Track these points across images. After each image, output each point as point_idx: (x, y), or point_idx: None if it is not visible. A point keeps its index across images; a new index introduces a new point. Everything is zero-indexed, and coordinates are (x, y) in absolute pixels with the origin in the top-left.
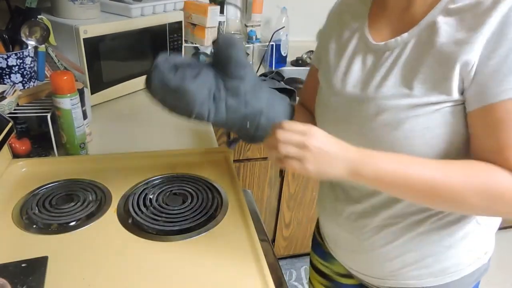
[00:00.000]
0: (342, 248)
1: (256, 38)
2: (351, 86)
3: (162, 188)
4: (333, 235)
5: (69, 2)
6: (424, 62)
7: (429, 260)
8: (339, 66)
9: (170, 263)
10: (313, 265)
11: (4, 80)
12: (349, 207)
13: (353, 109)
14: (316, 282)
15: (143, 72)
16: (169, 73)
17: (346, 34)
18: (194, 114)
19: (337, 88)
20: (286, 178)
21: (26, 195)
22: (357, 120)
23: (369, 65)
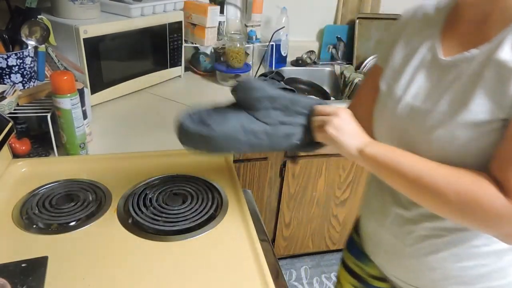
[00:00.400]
0: (382, 250)
1: (256, 38)
2: (412, 96)
3: (162, 188)
4: (375, 236)
5: (69, 2)
6: (486, 80)
7: (472, 277)
8: (403, 73)
9: (170, 263)
10: (345, 265)
11: (4, 80)
12: (397, 211)
13: (410, 119)
14: (346, 282)
15: (143, 72)
16: (195, 128)
17: (416, 41)
18: (232, 151)
19: (398, 95)
20: (286, 178)
21: (26, 195)
22: (413, 131)
23: (434, 78)
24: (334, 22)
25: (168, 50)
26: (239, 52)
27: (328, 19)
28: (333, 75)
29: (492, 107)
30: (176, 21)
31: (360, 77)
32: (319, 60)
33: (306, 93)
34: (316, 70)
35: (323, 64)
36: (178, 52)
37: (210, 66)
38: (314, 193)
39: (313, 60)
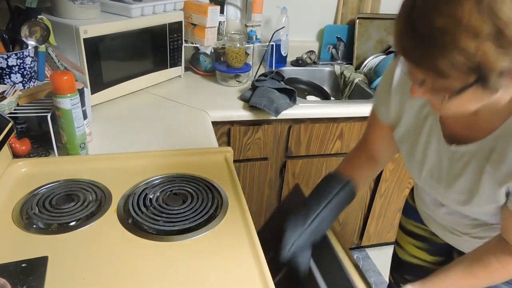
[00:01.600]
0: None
1: (256, 38)
2: (428, 172)
3: (162, 188)
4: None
5: (69, 2)
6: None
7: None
8: (417, 144)
9: (170, 263)
10: (405, 229)
11: (4, 80)
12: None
13: (433, 189)
14: (407, 244)
15: (143, 72)
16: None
17: (419, 111)
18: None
19: (418, 161)
20: (286, 178)
21: (26, 195)
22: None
23: (444, 161)
24: (334, 22)
25: (168, 50)
26: (239, 52)
27: (328, 19)
28: (333, 75)
29: (499, 191)
30: (176, 21)
31: (360, 77)
32: (319, 60)
33: (306, 93)
34: (316, 70)
35: (323, 64)
36: (178, 52)
37: (210, 66)
38: None
39: (313, 60)
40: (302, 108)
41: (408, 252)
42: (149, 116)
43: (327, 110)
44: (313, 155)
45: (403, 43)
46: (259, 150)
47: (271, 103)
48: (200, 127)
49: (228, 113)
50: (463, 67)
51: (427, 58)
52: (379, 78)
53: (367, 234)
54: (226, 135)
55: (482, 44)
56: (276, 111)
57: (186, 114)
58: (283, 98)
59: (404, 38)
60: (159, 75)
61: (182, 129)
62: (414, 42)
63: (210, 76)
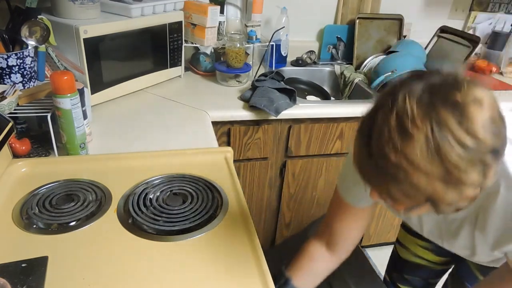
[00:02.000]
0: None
1: (256, 38)
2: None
3: (162, 188)
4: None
5: (69, 2)
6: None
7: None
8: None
9: (170, 263)
10: (409, 229)
11: (4, 80)
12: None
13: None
14: (412, 244)
15: (143, 72)
16: None
17: None
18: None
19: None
20: (286, 178)
21: (26, 195)
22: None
23: (440, 222)
24: (334, 22)
25: (168, 50)
26: (239, 52)
27: (328, 19)
28: (333, 75)
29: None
30: (176, 21)
31: (360, 77)
32: (319, 60)
33: (306, 93)
34: (316, 70)
35: (323, 64)
36: (178, 52)
37: (210, 66)
38: (314, 193)
39: (313, 60)
40: (302, 108)
41: (413, 252)
42: (149, 116)
43: (327, 110)
44: (313, 155)
45: (360, 164)
46: (259, 150)
47: (271, 103)
48: (200, 127)
49: (228, 113)
50: (414, 197)
51: (382, 186)
52: (379, 78)
53: (367, 234)
54: (226, 135)
55: (432, 181)
56: (276, 111)
57: (186, 114)
58: (283, 98)
59: (363, 161)
60: (159, 75)
61: (182, 129)
62: (370, 168)
63: (210, 76)
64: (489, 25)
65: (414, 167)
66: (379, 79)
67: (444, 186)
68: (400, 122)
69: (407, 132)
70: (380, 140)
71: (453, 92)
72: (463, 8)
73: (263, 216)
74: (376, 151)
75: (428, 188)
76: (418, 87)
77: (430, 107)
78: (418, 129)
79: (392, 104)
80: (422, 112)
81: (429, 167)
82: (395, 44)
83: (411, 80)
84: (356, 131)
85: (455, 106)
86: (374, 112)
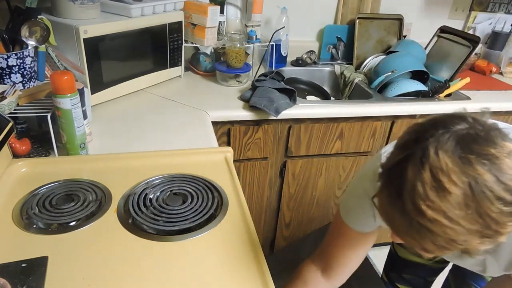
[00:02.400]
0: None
1: (256, 38)
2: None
3: (162, 188)
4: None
5: (69, 2)
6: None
7: None
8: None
9: (170, 263)
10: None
11: (4, 80)
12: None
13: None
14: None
15: (143, 72)
16: None
17: None
18: None
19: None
20: (286, 178)
21: (26, 195)
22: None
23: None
24: (334, 22)
25: (168, 50)
26: (239, 52)
27: (328, 19)
28: (333, 75)
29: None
30: (176, 21)
31: (360, 77)
32: (319, 60)
33: (306, 93)
34: (316, 70)
35: (323, 64)
36: (178, 52)
37: (210, 66)
38: (314, 193)
39: (313, 60)
40: (302, 108)
41: (412, 250)
42: (149, 116)
43: (327, 110)
44: (313, 155)
45: (393, 220)
46: (259, 150)
47: (271, 103)
48: (200, 127)
49: (228, 113)
50: (448, 249)
51: (414, 240)
52: (379, 78)
53: None
54: (226, 135)
55: (469, 236)
56: (276, 111)
57: (186, 114)
58: (283, 98)
59: (394, 217)
60: (159, 75)
61: (182, 129)
62: (403, 223)
63: (210, 76)
64: (489, 25)
65: (452, 223)
66: (379, 79)
67: (481, 239)
68: (435, 177)
69: (444, 188)
70: (415, 196)
71: (488, 147)
72: (463, 8)
73: (263, 216)
74: (411, 208)
75: (465, 242)
76: (448, 140)
77: (466, 162)
78: (455, 185)
79: (422, 158)
80: (457, 168)
81: (468, 223)
82: (395, 44)
83: (437, 129)
84: (381, 180)
85: (491, 162)
86: (402, 162)
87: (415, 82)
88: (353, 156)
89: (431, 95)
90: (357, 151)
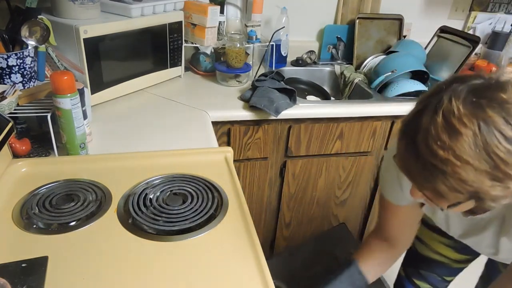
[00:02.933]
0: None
1: (256, 38)
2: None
3: (162, 188)
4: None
5: (69, 2)
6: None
7: None
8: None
9: (170, 263)
10: (429, 224)
11: (4, 80)
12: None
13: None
14: (432, 240)
15: (143, 72)
16: None
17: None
18: None
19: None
20: (286, 178)
21: (26, 195)
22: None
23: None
24: (334, 22)
25: (168, 50)
26: (239, 52)
27: (328, 19)
28: (333, 75)
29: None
30: (176, 21)
31: (360, 77)
32: (319, 60)
33: (306, 93)
34: (316, 70)
35: (323, 64)
36: (178, 52)
37: (210, 66)
38: (314, 193)
39: (313, 60)
40: (302, 108)
41: (432, 248)
42: (149, 116)
43: (327, 110)
44: (313, 155)
45: (406, 164)
46: (259, 150)
47: (271, 103)
48: (200, 127)
49: (228, 113)
50: (460, 191)
51: (427, 181)
52: (379, 78)
53: (367, 234)
54: (226, 135)
55: (479, 176)
56: (276, 111)
57: (186, 114)
58: (283, 98)
59: (408, 160)
60: (159, 75)
61: (182, 129)
62: (417, 166)
63: (210, 76)
64: (489, 25)
65: (462, 162)
66: (379, 79)
67: (491, 180)
68: (447, 120)
69: (455, 129)
70: (428, 138)
71: (498, 92)
72: (463, 8)
73: (263, 216)
74: (423, 150)
75: (475, 183)
76: (462, 89)
77: (476, 106)
78: (465, 126)
79: (437, 105)
80: (468, 111)
81: (477, 162)
82: (395, 44)
83: (454, 83)
84: (399, 134)
85: (501, 105)
86: (418, 113)
87: (415, 82)
88: (353, 156)
89: None
90: (357, 151)
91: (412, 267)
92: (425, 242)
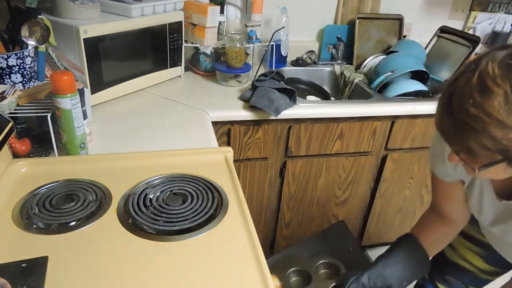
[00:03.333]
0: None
1: (256, 38)
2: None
3: (162, 188)
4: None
5: (69, 2)
6: None
7: None
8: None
9: (170, 263)
10: (462, 231)
11: (4, 80)
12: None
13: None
14: (462, 246)
15: (143, 72)
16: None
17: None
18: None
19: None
20: (286, 178)
21: (26, 195)
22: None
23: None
24: (334, 22)
25: (168, 50)
26: (239, 52)
27: (328, 19)
28: (333, 75)
29: None
30: (176, 21)
31: (360, 77)
32: (319, 60)
33: (306, 93)
34: (316, 70)
35: (323, 64)
36: (178, 52)
37: (210, 66)
38: (314, 193)
39: (313, 60)
40: (302, 108)
41: (461, 254)
42: (149, 116)
43: (327, 110)
44: (313, 155)
45: (441, 123)
46: (259, 150)
47: (271, 103)
48: (200, 127)
49: (228, 113)
50: (490, 149)
51: (459, 139)
52: (379, 78)
53: (367, 234)
54: (226, 135)
55: (508, 133)
56: (276, 111)
57: (186, 114)
58: (283, 98)
59: (443, 119)
60: (159, 75)
61: (182, 129)
62: (450, 125)
63: (210, 76)
64: (489, 25)
65: (492, 119)
66: (379, 79)
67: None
68: (481, 81)
69: (487, 88)
70: (461, 98)
71: None
72: (463, 8)
73: (263, 216)
74: (456, 108)
75: (504, 140)
76: (501, 54)
77: (510, 68)
78: (497, 86)
79: (475, 68)
80: (502, 72)
81: (505, 119)
82: (395, 44)
83: (496, 50)
84: (439, 98)
85: None
86: (457, 77)
87: (415, 82)
88: (353, 156)
89: (431, 95)
90: (357, 151)
91: (437, 270)
92: (454, 247)
